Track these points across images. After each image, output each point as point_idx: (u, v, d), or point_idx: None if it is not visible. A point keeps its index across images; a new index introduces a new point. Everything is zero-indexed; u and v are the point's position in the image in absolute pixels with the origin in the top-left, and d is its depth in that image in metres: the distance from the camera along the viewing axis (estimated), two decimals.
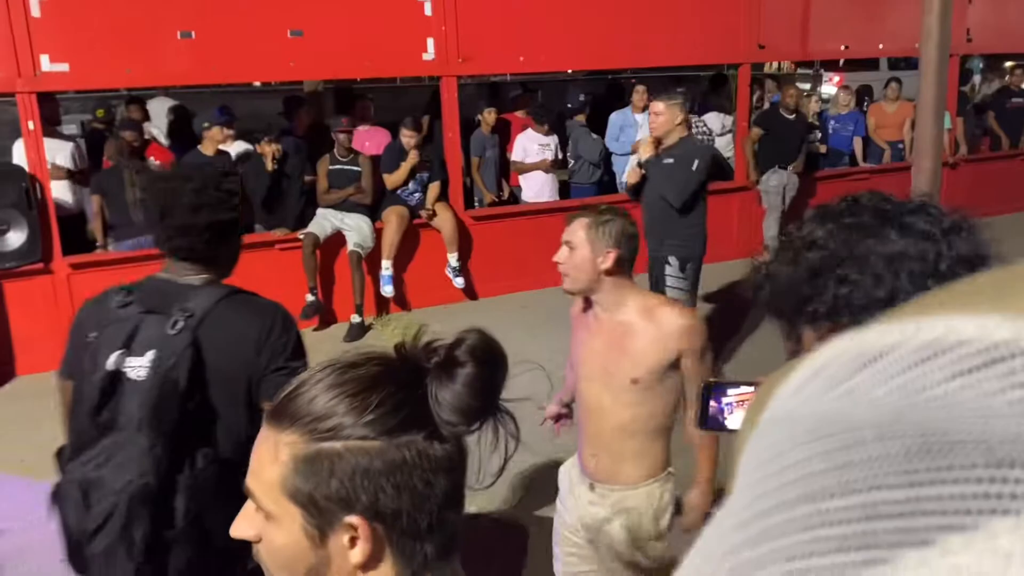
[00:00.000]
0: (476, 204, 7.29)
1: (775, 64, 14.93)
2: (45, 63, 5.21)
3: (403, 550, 0.81)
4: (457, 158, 6.63)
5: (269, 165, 6.02)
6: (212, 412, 1.77)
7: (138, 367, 1.69)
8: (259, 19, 5.67)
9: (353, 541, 0.80)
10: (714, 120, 7.77)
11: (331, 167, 6.25)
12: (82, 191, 6.31)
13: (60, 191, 5.83)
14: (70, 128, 8.42)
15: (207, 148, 6.15)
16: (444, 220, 6.37)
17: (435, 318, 5.70)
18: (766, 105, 8.73)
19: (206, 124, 6.25)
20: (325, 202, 6.21)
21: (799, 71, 15.24)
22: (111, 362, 1.69)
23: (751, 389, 1.15)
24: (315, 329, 6.15)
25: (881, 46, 8.56)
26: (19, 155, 5.63)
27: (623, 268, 2.22)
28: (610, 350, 2.23)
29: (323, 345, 6.10)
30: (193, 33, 5.52)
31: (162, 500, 1.65)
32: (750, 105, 7.75)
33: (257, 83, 12.78)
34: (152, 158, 6.31)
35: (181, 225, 1.83)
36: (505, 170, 7.43)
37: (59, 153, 6.00)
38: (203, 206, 1.84)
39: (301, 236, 6.02)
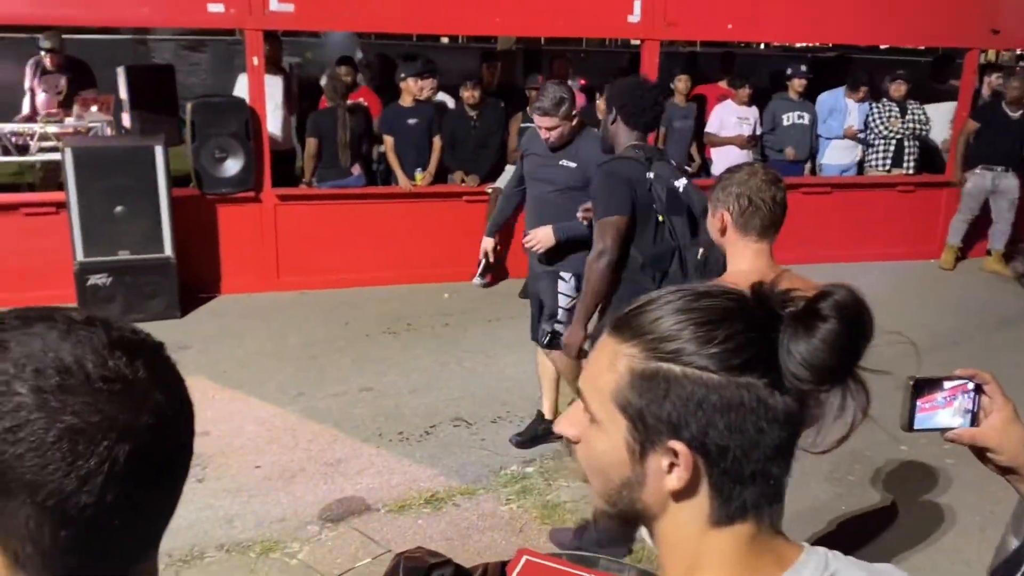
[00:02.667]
0: None
1: (990, 52, 13.55)
2: (273, 3, 5.50)
3: (720, 490, 0.78)
4: None
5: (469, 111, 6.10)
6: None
7: (681, 186, 3.10)
8: None
9: (672, 467, 0.78)
10: (932, 108, 7.19)
11: (523, 125, 6.28)
12: (291, 128, 6.65)
13: (272, 126, 6.17)
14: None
15: (405, 99, 6.32)
16: None
17: None
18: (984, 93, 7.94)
19: (402, 75, 6.42)
20: (515, 159, 6.25)
21: (1021, 64, 13.80)
22: (673, 185, 3.08)
23: (961, 382, 1.10)
24: (485, 285, 6.25)
25: None
26: (241, 88, 6.00)
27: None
28: None
29: (496, 299, 6.21)
30: None
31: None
32: (976, 95, 7.09)
33: (445, 39, 13.06)
34: (361, 99, 6.57)
35: (651, 106, 3.18)
36: (701, 141, 7.24)
37: (274, 88, 6.35)
38: (649, 93, 3.24)
39: (490, 191, 6.11)
